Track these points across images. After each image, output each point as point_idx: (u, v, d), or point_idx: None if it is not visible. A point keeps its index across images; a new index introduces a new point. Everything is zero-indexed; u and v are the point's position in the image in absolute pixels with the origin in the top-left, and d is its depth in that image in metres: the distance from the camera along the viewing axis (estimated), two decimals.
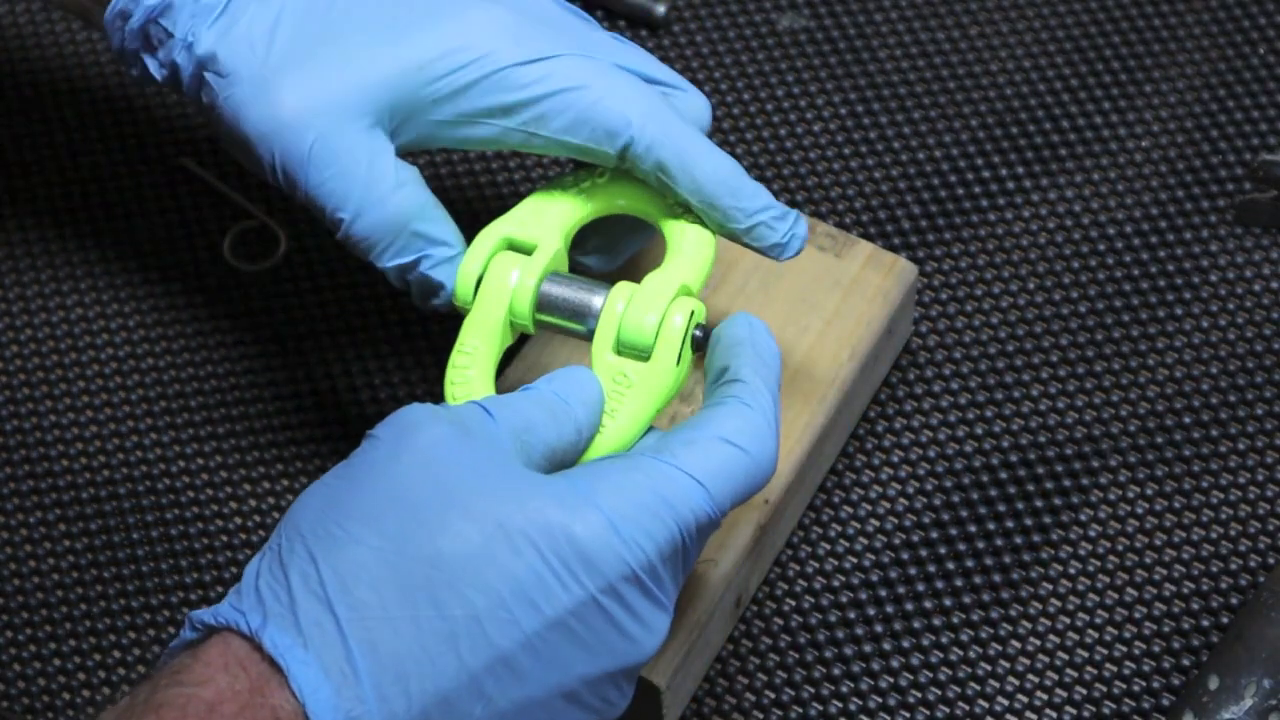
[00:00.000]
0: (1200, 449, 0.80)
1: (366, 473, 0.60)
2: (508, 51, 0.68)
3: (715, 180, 0.68)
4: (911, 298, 0.80)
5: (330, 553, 0.58)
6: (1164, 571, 0.78)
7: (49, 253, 0.88)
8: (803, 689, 0.76)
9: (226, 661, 0.58)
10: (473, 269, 0.69)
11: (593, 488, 0.60)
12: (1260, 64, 0.91)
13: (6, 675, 0.77)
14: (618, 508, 0.59)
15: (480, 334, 0.68)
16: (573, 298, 0.68)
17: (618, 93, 0.68)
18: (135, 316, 0.86)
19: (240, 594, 0.59)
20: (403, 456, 0.60)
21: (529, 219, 0.70)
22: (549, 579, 0.58)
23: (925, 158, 0.89)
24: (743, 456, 0.61)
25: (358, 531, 0.59)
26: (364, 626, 0.58)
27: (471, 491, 0.59)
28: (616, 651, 0.60)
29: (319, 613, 0.58)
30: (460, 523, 0.59)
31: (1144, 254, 0.86)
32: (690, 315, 0.66)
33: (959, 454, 0.81)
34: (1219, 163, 0.88)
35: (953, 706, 0.75)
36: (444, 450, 0.60)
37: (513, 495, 0.59)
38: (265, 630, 0.58)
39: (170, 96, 0.92)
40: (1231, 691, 0.71)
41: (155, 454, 0.82)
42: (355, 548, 0.58)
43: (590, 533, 0.59)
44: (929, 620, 0.77)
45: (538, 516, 0.59)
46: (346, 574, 0.58)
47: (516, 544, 0.58)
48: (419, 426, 0.61)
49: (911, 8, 0.93)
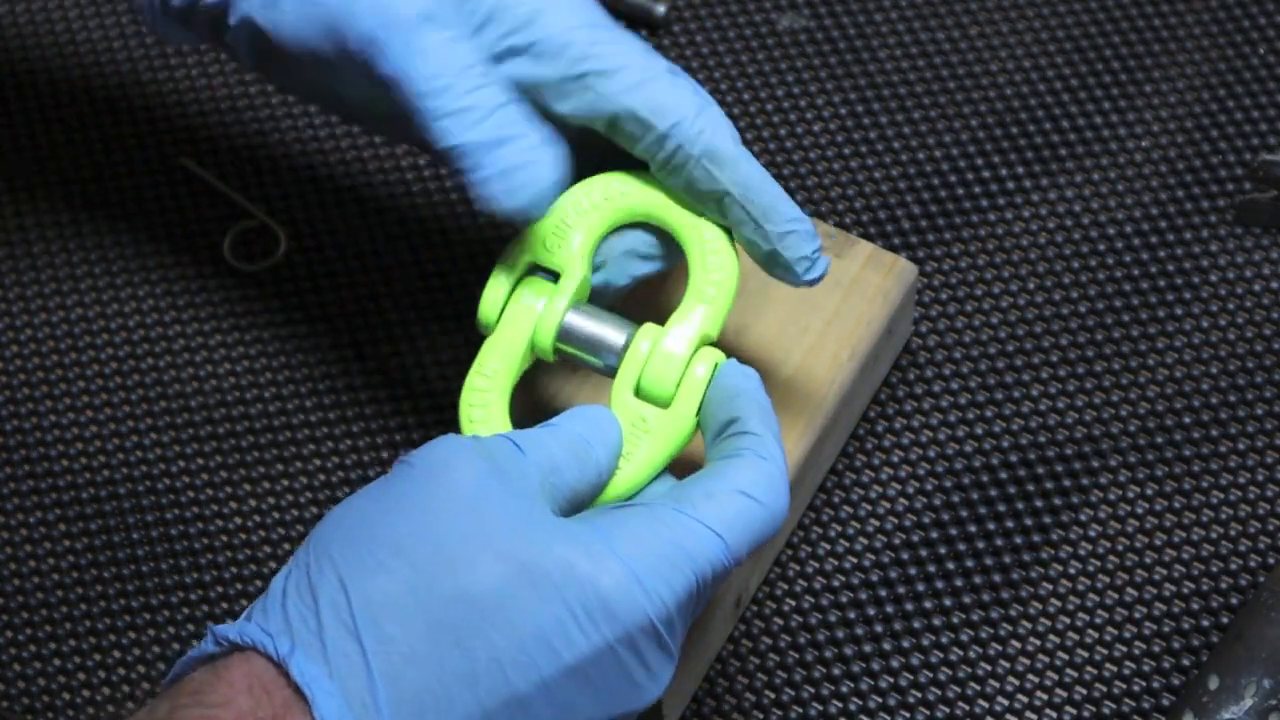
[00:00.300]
0: (1200, 449, 0.80)
1: (400, 502, 0.60)
2: (583, 14, 0.68)
3: (760, 175, 0.68)
4: (911, 298, 0.80)
5: (360, 581, 0.58)
6: (1164, 571, 0.78)
7: (49, 253, 0.88)
8: (803, 689, 0.76)
9: (250, 684, 0.58)
10: (498, 294, 0.69)
11: (617, 536, 0.60)
12: (1260, 64, 0.91)
13: (6, 675, 0.77)
14: (641, 558, 0.60)
15: (500, 358, 0.69)
16: (595, 334, 0.68)
17: (678, 83, 0.68)
18: (135, 316, 0.86)
19: (266, 613, 0.59)
20: (438, 491, 0.60)
21: (553, 237, 0.70)
22: (570, 626, 0.59)
23: (925, 158, 0.89)
24: (759, 509, 0.62)
25: (389, 562, 0.59)
26: (389, 660, 0.58)
27: (502, 533, 0.59)
28: (622, 699, 0.60)
29: (347, 643, 0.58)
30: (490, 563, 0.59)
31: (1144, 254, 0.86)
32: (713, 368, 0.67)
33: (959, 454, 0.81)
34: (1219, 163, 0.88)
35: (953, 706, 0.75)
36: (478, 489, 0.60)
37: (541, 540, 0.59)
38: (293, 657, 0.58)
39: (170, 96, 0.92)
40: (1231, 691, 0.71)
41: (155, 454, 0.82)
42: (385, 578, 0.59)
43: (614, 582, 0.59)
44: (929, 620, 0.77)
45: (564, 563, 0.59)
46: (375, 605, 0.58)
47: (542, 589, 0.59)
48: (456, 461, 0.61)
49: (911, 8, 0.93)
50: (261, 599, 0.60)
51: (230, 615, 0.79)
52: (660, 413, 0.67)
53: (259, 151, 0.90)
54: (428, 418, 0.83)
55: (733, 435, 0.64)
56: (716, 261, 0.69)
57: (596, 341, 0.68)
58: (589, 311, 0.69)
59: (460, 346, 0.84)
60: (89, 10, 0.94)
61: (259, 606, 0.60)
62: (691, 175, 0.68)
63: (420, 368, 0.84)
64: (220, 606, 0.79)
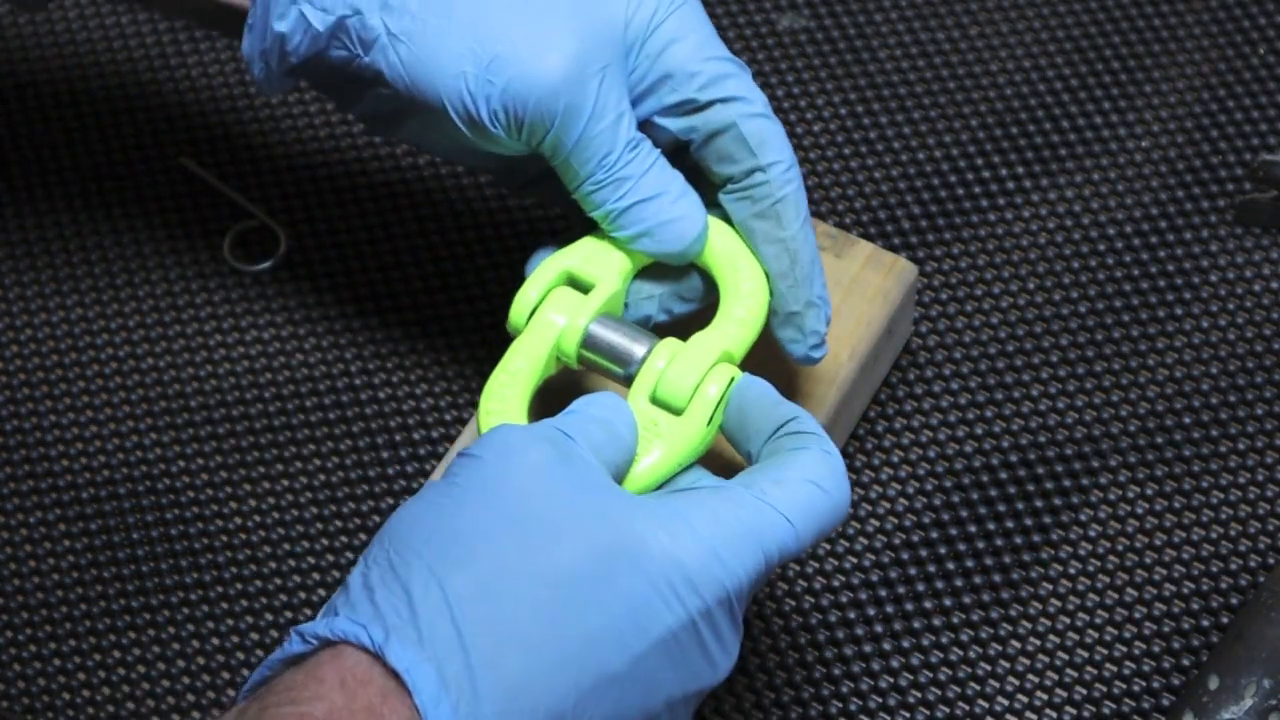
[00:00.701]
0: (1200, 449, 0.80)
1: (477, 492, 0.61)
2: (704, 33, 0.70)
3: (812, 246, 0.70)
4: (911, 298, 0.80)
5: (451, 570, 0.59)
6: (1164, 571, 0.78)
7: (49, 253, 0.88)
8: (803, 689, 0.76)
9: (342, 678, 0.58)
10: (530, 297, 0.70)
11: (694, 515, 0.61)
12: (1260, 64, 0.91)
13: (6, 675, 0.77)
14: (717, 535, 0.61)
15: (525, 359, 0.70)
16: (617, 344, 0.70)
17: (781, 131, 0.70)
18: (135, 316, 0.86)
19: (353, 606, 0.59)
20: (512, 476, 0.61)
21: (594, 255, 0.71)
22: (656, 601, 0.59)
23: (925, 158, 0.89)
24: (826, 498, 0.63)
25: (477, 548, 0.59)
26: (486, 643, 0.58)
27: (583, 513, 0.60)
28: (700, 674, 0.61)
29: (444, 628, 0.58)
30: (576, 543, 0.59)
31: (1144, 254, 0.86)
32: (728, 384, 0.68)
33: (959, 454, 0.81)
34: (1219, 163, 0.88)
35: (953, 706, 0.75)
36: (550, 472, 0.61)
37: (622, 517, 0.60)
38: (388, 644, 0.57)
39: (170, 96, 0.92)
40: (1231, 691, 0.71)
41: (155, 454, 0.82)
42: (476, 564, 0.59)
43: (694, 558, 0.60)
44: (929, 620, 0.77)
45: (647, 539, 0.60)
46: (469, 591, 0.58)
47: (629, 566, 0.59)
48: (522, 448, 0.61)
49: (911, 8, 0.93)
50: (341, 595, 0.60)
51: (230, 616, 0.79)
52: (673, 419, 0.68)
53: (259, 151, 0.90)
54: (428, 417, 0.83)
55: (792, 434, 0.65)
56: (749, 289, 0.71)
57: (618, 352, 0.70)
58: (615, 322, 0.70)
59: (460, 347, 0.84)
60: (89, 10, 0.94)
61: (341, 602, 0.60)
62: (762, 213, 0.70)
63: (420, 368, 0.84)
64: (220, 606, 0.79)
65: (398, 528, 0.60)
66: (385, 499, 0.81)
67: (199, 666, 0.78)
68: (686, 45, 0.69)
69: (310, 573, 0.79)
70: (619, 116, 0.68)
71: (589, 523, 0.60)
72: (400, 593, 0.59)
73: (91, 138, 0.91)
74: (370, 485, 0.81)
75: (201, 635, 0.78)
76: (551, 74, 0.67)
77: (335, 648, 0.58)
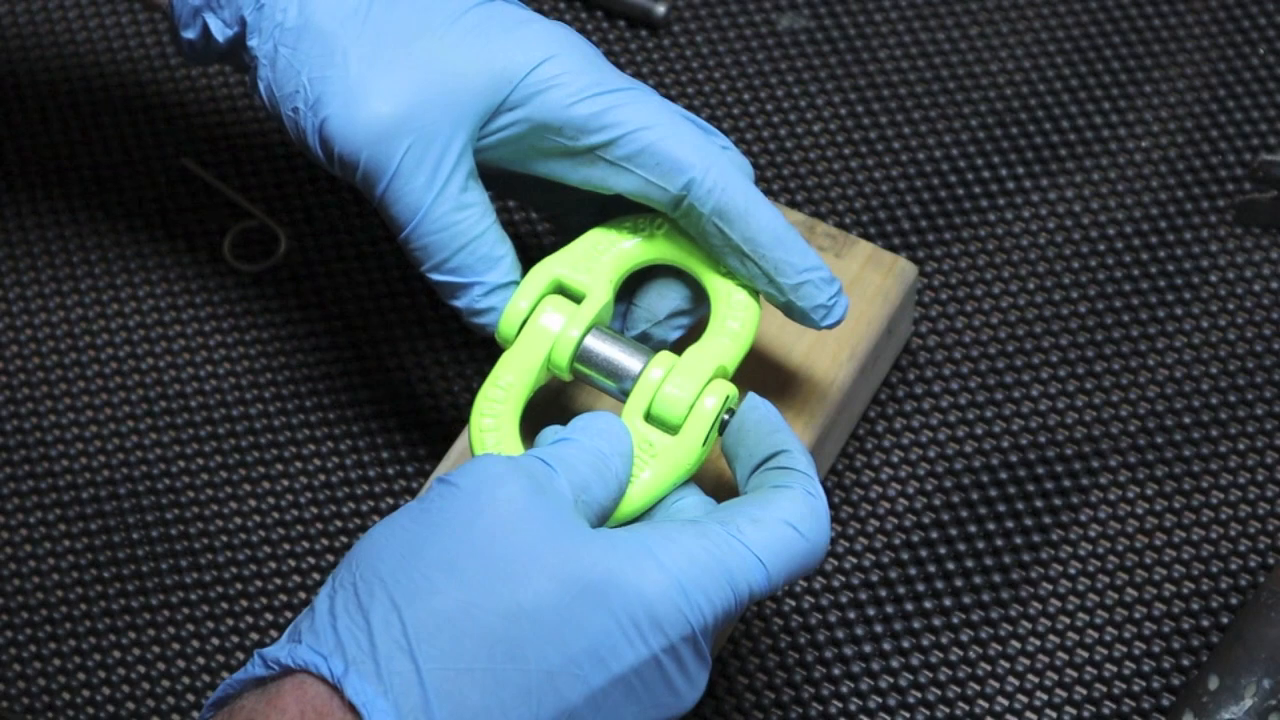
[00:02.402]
0: (1200, 449, 0.80)
1: (448, 523, 0.60)
2: (587, 76, 0.69)
3: (770, 231, 0.69)
4: (911, 298, 0.80)
5: (413, 601, 0.59)
6: (1164, 571, 0.78)
7: (49, 253, 0.88)
8: (803, 689, 0.76)
9: (303, 709, 0.58)
10: (520, 308, 0.69)
11: (663, 549, 0.61)
12: (1260, 64, 0.91)
13: (6, 675, 0.77)
14: (686, 572, 0.60)
15: (516, 372, 0.69)
16: (612, 358, 0.69)
17: (683, 135, 0.69)
18: (135, 317, 0.86)
19: (316, 634, 0.59)
20: (485, 510, 0.61)
21: (582, 260, 0.70)
22: (619, 638, 0.59)
23: (925, 158, 0.89)
24: (803, 542, 0.63)
25: (440, 581, 0.59)
26: (444, 678, 0.58)
27: (550, 549, 0.60)
28: (663, 706, 0.61)
29: (401, 662, 0.58)
30: (540, 579, 0.59)
31: (1144, 254, 0.86)
32: (724, 400, 0.67)
33: (959, 454, 0.81)
34: (1219, 163, 0.88)
35: (953, 706, 0.75)
36: (523, 506, 0.61)
37: (588, 554, 0.60)
38: (348, 678, 0.58)
39: (170, 96, 0.92)
40: (1231, 691, 0.71)
41: (155, 454, 0.82)
42: (437, 598, 0.59)
43: (660, 595, 0.60)
44: (929, 620, 0.77)
45: (611, 575, 0.60)
46: (429, 624, 0.58)
47: (592, 602, 0.59)
48: (500, 480, 0.61)
49: (911, 8, 0.93)
50: (306, 619, 0.60)
51: (230, 616, 0.79)
52: (668, 439, 0.67)
53: (259, 152, 0.90)
54: (427, 417, 0.83)
55: (778, 468, 0.65)
56: (740, 300, 0.70)
57: (613, 367, 0.69)
58: (608, 335, 0.69)
59: (460, 347, 0.84)
60: (89, 10, 0.94)
61: (305, 627, 0.60)
62: (705, 231, 0.69)
63: (420, 368, 0.84)
64: (220, 606, 0.79)
65: (367, 551, 0.60)
66: (385, 499, 0.81)
67: (199, 666, 0.78)
68: (559, 93, 0.68)
69: (310, 573, 0.79)
70: (433, 179, 0.68)
71: (556, 560, 0.60)
72: (362, 623, 0.59)
73: (91, 138, 0.91)
74: (370, 485, 0.81)
75: (201, 635, 0.78)
76: (358, 128, 0.68)
77: (297, 676, 0.58)
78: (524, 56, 0.68)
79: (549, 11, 0.93)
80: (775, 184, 0.88)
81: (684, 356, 0.68)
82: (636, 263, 0.71)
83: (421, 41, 0.68)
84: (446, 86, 0.68)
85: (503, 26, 0.69)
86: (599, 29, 0.93)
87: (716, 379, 0.68)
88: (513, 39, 0.68)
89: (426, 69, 0.68)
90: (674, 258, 0.71)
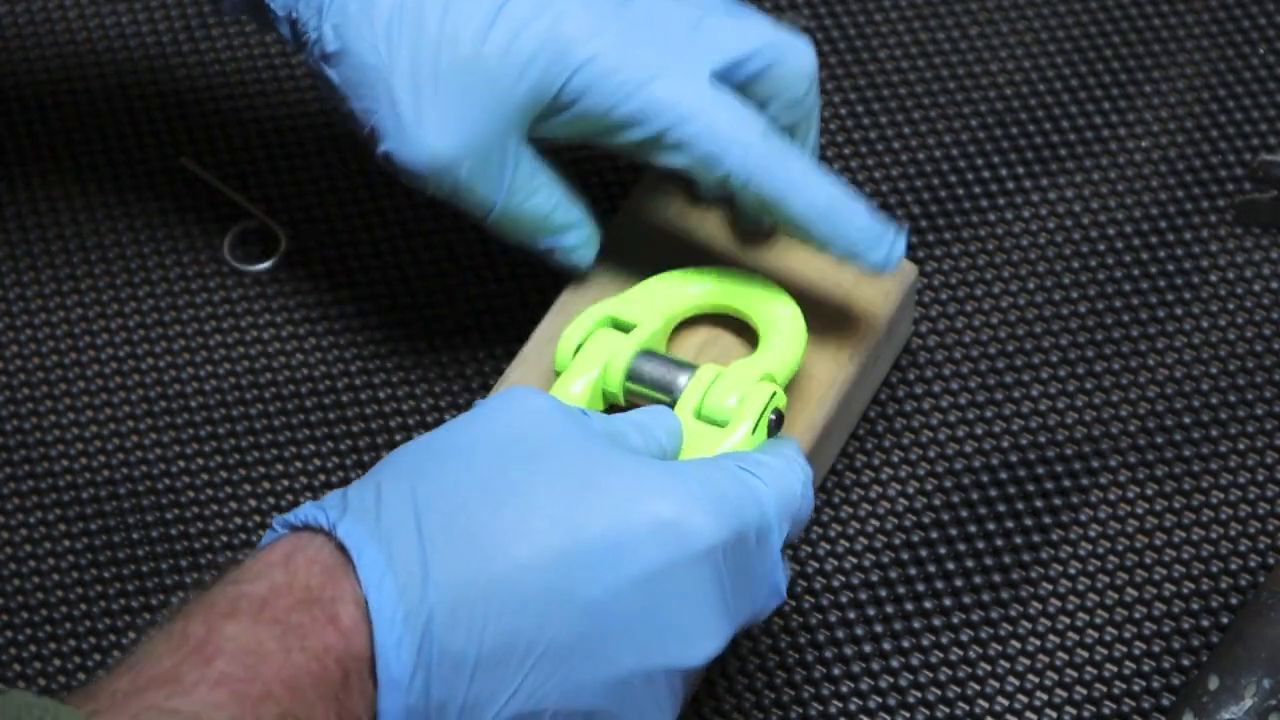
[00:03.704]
0: (1200, 449, 0.80)
1: (470, 425, 0.62)
2: (623, 71, 0.71)
3: (813, 209, 0.71)
4: (911, 298, 0.80)
5: (424, 477, 0.60)
6: (1164, 571, 0.78)
7: (49, 253, 0.88)
8: (803, 689, 0.76)
9: (290, 557, 0.58)
10: (574, 338, 0.73)
11: (677, 470, 0.62)
12: (1260, 64, 0.91)
13: (6, 675, 0.77)
14: (697, 489, 0.61)
15: (570, 398, 0.72)
16: (661, 374, 0.72)
17: (719, 126, 0.71)
18: (135, 316, 0.86)
19: (324, 500, 0.60)
20: (506, 412, 0.62)
21: (637, 302, 0.75)
22: (625, 539, 0.59)
23: (925, 158, 0.89)
24: (797, 499, 0.65)
25: (455, 463, 0.60)
26: (444, 538, 0.58)
27: (566, 447, 0.61)
28: (669, 648, 0.60)
29: (403, 515, 0.58)
30: (557, 466, 0.60)
31: (1144, 254, 0.86)
32: (770, 397, 0.71)
33: (959, 454, 0.81)
34: (1219, 163, 0.88)
35: (953, 706, 0.75)
36: (547, 416, 0.62)
37: (609, 457, 0.61)
38: (341, 521, 0.58)
39: (170, 96, 0.92)
40: (1231, 691, 0.71)
41: (155, 454, 0.82)
42: (450, 475, 0.60)
43: (671, 505, 0.60)
44: (929, 620, 0.77)
45: (631, 483, 0.60)
46: (437, 493, 0.59)
47: (609, 501, 0.59)
48: (528, 396, 0.63)
49: (911, 8, 0.93)
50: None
51: None
52: (719, 430, 0.70)
53: (259, 152, 0.90)
54: (428, 418, 0.83)
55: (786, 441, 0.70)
56: (787, 316, 0.74)
57: (662, 382, 0.72)
58: (657, 356, 0.73)
59: (460, 347, 0.84)
60: (89, 10, 0.94)
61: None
62: (753, 213, 0.74)
63: (420, 368, 0.84)
64: None
65: (392, 456, 0.62)
66: None
67: None
68: (596, 98, 0.71)
69: None
70: (497, 183, 0.73)
71: (571, 455, 0.60)
72: (371, 487, 0.59)
73: (91, 137, 0.91)
74: None
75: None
76: (418, 164, 0.72)
77: (298, 533, 0.59)
78: (559, 62, 0.71)
79: None
80: None
81: (731, 366, 0.72)
82: (691, 308, 0.76)
83: (459, 62, 0.71)
84: (491, 108, 0.71)
85: (533, 34, 0.71)
86: None
87: (763, 381, 0.72)
88: (543, 41, 0.71)
89: (468, 93, 0.71)
90: (723, 304, 0.76)
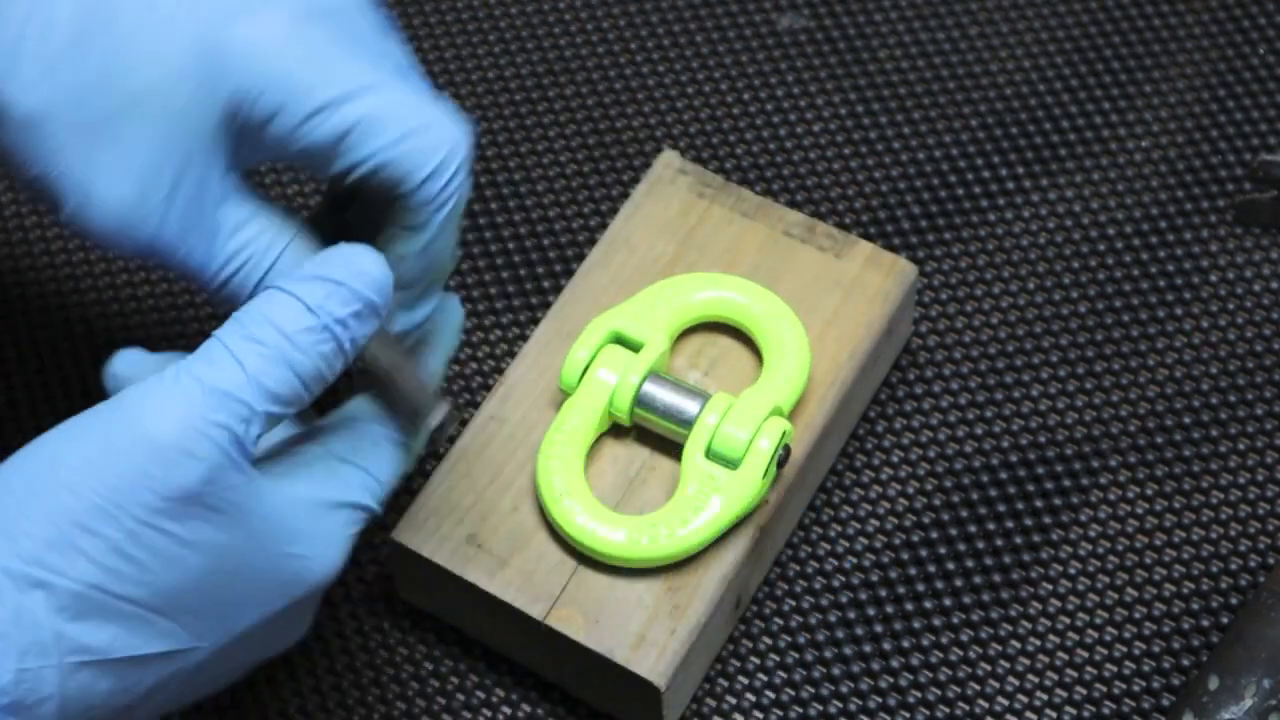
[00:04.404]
0: (1200, 449, 0.80)
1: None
2: (305, 96, 0.61)
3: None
4: (911, 298, 0.80)
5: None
6: (1164, 571, 0.78)
7: (49, 253, 0.88)
8: (803, 689, 0.76)
9: None
10: (581, 357, 0.74)
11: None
12: (1260, 64, 0.91)
13: None
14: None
15: (580, 416, 0.73)
16: (671, 402, 0.73)
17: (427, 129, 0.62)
18: (135, 316, 0.86)
19: None
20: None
21: (640, 314, 0.75)
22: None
23: (925, 158, 0.89)
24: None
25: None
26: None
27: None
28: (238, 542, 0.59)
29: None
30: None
31: (1144, 254, 0.86)
32: (780, 437, 0.71)
33: (959, 454, 0.81)
34: (1219, 163, 0.88)
35: (953, 706, 0.75)
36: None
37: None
38: None
39: None
40: (1231, 691, 0.71)
41: None
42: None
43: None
44: (929, 620, 0.77)
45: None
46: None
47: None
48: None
49: (911, 8, 0.93)
50: None
51: None
52: (730, 473, 0.71)
53: None
54: None
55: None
56: (794, 345, 0.75)
57: (672, 410, 0.73)
58: (667, 382, 0.74)
59: (460, 347, 0.84)
60: None
61: None
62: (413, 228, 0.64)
63: None
64: None
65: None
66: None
67: None
68: (281, 127, 0.61)
69: None
70: (197, 230, 0.64)
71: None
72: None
73: None
74: None
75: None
76: (101, 220, 0.62)
77: None
78: (240, 82, 0.61)
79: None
80: (775, 184, 0.88)
81: (740, 397, 0.72)
82: (695, 319, 0.76)
83: (128, 97, 0.61)
84: (173, 143, 0.61)
85: (209, 58, 0.60)
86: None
87: (773, 418, 0.72)
88: (223, 67, 0.61)
89: (141, 130, 0.61)
90: (727, 314, 0.76)
